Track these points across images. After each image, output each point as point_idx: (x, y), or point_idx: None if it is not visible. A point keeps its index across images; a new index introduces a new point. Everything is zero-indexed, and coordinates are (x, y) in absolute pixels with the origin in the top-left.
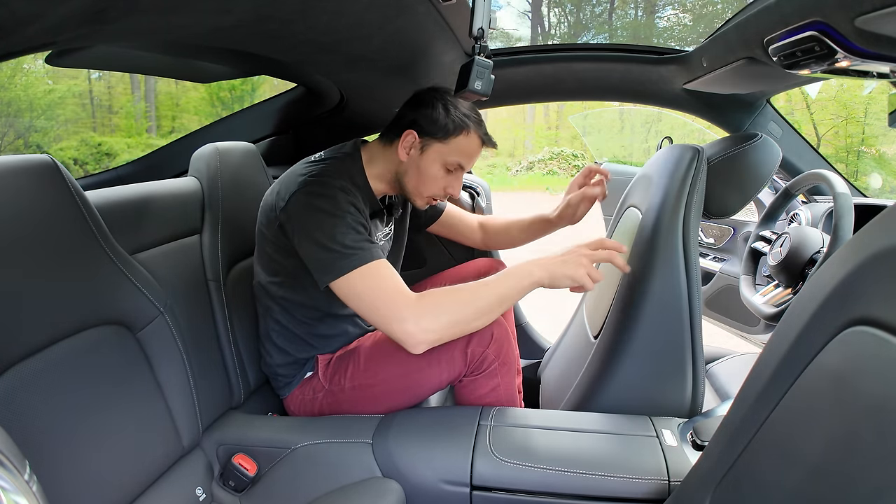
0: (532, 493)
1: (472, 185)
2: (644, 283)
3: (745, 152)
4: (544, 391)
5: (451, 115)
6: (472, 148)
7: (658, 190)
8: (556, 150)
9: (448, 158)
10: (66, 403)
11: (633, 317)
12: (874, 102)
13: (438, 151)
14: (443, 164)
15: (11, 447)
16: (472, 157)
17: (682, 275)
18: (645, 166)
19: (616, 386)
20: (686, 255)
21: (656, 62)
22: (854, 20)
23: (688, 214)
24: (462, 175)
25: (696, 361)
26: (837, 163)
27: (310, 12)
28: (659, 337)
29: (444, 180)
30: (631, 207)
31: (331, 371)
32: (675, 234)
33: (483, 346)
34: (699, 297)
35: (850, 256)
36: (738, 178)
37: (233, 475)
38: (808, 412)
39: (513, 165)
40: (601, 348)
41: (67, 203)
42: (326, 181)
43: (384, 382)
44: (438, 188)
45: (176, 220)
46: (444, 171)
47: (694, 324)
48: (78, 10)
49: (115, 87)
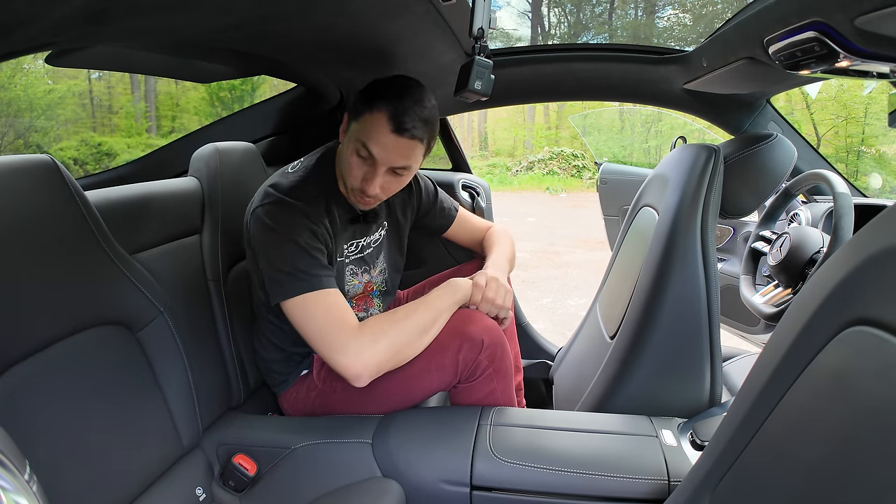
0: (532, 493)
1: (472, 185)
2: (663, 283)
3: (760, 151)
4: (558, 392)
5: (368, 90)
6: (375, 128)
7: (675, 190)
8: (556, 150)
9: (356, 138)
10: (66, 403)
11: (651, 316)
12: (874, 102)
13: (352, 131)
14: (354, 148)
15: (11, 447)
16: (376, 140)
17: (701, 274)
18: (659, 166)
19: (634, 386)
20: (705, 255)
21: (656, 62)
22: (854, 20)
23: (706, 214)
24: (381, 170)
25: (713, 360)
26: (837, 163)
27: (309, 12)
28: (677, 336)
29: (359, 169)
30: (645, 207)
31: (325, 372)
32: (694, 233)
33: (475, 352)
34: (717, 297)
35: (850, 256)
36: (754, 177)
37: (233, 475)
38: (808, 412)
39: (513, 165)
40: (618, 348)
41: (67, 203)
42: (286, 203)
43: (376, 389)
44: (355, 179)
45: (176, 220)
46: (355, 155)
47: (712, 323)
48: (78, 10)
49: (115, 87)
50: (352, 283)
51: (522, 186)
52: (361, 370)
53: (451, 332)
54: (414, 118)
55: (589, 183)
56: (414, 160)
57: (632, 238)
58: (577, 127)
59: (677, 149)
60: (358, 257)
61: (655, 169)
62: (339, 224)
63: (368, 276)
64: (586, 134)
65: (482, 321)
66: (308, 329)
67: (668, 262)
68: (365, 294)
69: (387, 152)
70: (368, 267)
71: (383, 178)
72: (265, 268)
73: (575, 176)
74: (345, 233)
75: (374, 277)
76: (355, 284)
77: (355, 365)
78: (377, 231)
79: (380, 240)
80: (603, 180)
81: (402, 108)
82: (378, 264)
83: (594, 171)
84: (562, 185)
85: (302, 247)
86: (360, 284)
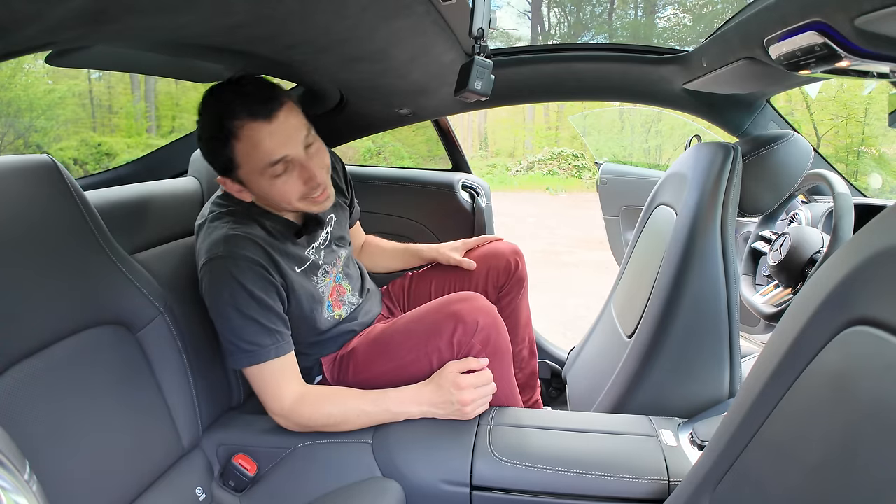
0: (532, 493)
1: (473, 185)
2: (682, 282)
3: (776, 150)
4: (572, 392)
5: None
6: (255, 138)
7: (694, 189)
8: (556, 150)
9: (257, 169)
10: (66, 403)
11: (671, 315)
12: (874, 102)
13: (246, 173)
14: (269, 176)
15: (11, 447)
16: (269, 143)
17: (721, 272)
18: (675, 164)
19: (654, 384)
20: (725, 253)
21: (656, 62)
22: (854, 20)
23: (725, 212)
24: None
25: (733, 359)
26: (837, 163)
27: (309, 12)
28: (698, 335)
29: (293, 182)
30: (662, 206)
31: (336, 370)
32: (714, 232)
33: (468, 335)
34: (737, 295)
35: (850, 256)
36: (772, 175)
37: (233, 475)
38: (808, 412)
39: (513, 165)
40: (638, 346)
41: (67, 203)
42: (231, 253)
43: (383, 376)
44: (297, 190)
45: (176, 220)
46: (277, 178)
47: (732, 322)
48: (78, 10)
49: (115, 87)
50: (323, 282)
51: (522, 186)
52: (293, 428)
53: (446, 315)
54: (256, 96)
55: (589, 183)
56: (300, 120)
57: (648, 237)
58: (577, 127)
59: (693, 147)
60: (320, 259)
61: (671, 167)
62: (284, 247)
63: (336, 268)
64: (586, 134)
65: (476, 301)
66: (257, 389)
67: (687, 261)
68: (335, 285)
69: (286, 140)
70: (333, 260)
71: (309, 161)
72: (218, 331)
73: (575, 176)
74: (296, 248)
75: (338, 267)
76: (327, 283)
77: (288, 425)
78: (327, 227)
79: (327, 236)
80: (603, 180)
81: (242, 102)
82: (340, 254)
83: (594, 171)
84: (562, 185)
85: (244, 314)
86: (330, 281)
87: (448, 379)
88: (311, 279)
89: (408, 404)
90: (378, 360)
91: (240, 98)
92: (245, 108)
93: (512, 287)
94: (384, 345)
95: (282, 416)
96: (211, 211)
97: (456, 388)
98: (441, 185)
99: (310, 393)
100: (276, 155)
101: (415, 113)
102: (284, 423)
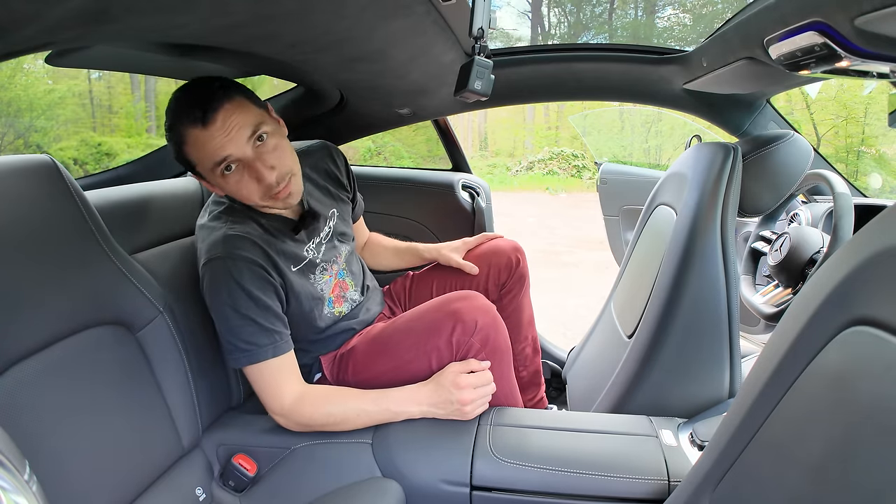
0: (532, 493)
1: (472, 186)
2: (683, 282)
3: (776, 150)
4: (572, 392)
5: (172, 147)
6: (198, 143)
7: (694, 189)
8: (556, 150)
9: (208, 169)
10: (66, 403)
11: (671, 315)
12: (874, 102)
13: (205, 172)
14: (218, 174)
15: (11, 447)
16: (212, 147)
17: (721, 272)
18: (675, 164)
19: (654, 384)
20: (724, 253)
21: (656, 62)
22: (854, 20)
23: (725, 213)
24: (250, 156)
25: (733, 360)
26: (837, 163)
27: (308, 12)
28: (698, 335)
29: (246, 180)
30: (662, 206)
31: (335, 368)
32: (714, 232)
33: (467, 334)
34: (737, 295)
35: (850, 256)
36: (772, 175)
37: (233, 475)
38: (808, 412)
39: (513, 165)
40: (638, 347)
41: (67, 203)
42: (230, 254)
43: (382, 374)
44: (256, 189)
45: (176, 221)
46: (230, 177)
47: (732, 322)
48: (77, 10)
49: (115, 87)
50: (322, 279)
51: (522, 186)
52: (293, 427)
53: (445, 314)
54: (194, 102)
55: (589, 183)
56: (245, 118)
57: (648, 237)
58: (577, 127)
59: (693, 147)
60: (318, 257)
61: (671, 167)
62: (283, 243)
63: (337, 264)
64: (586, 134)
65: (475, 300)
66: (256, 388)
67: (687, 261)
68: (337, 281)
69: (226, 141)
70: (333, 256)
71: (257, 161)
72: (218, 331)
73: (575, 176)
74: (295, 245)
75: (340, 263)
76: (327, 280)
77: (288, 425)
78: (329, 222)
79: (329, 231)
80: (603, 180)
81: (182, 108)
82: (342, 250)
83: (594, 171)
84: (562, 185)
85: (242, 314)
86: (331, 278)
87: (448, 379)
88: (307, 278)
89: (408, 404)
90: (377, 359)
91: (180, 105)
92: (185, 113)
93: (514, 284)
94: (383, 343)
95: (282, 415)
96: (210, 211)
97: (455, 387)
98: (441, 185)
99: (310, 392)
100: (217, 156)
101: (415, 113)
102: (284, 423)
